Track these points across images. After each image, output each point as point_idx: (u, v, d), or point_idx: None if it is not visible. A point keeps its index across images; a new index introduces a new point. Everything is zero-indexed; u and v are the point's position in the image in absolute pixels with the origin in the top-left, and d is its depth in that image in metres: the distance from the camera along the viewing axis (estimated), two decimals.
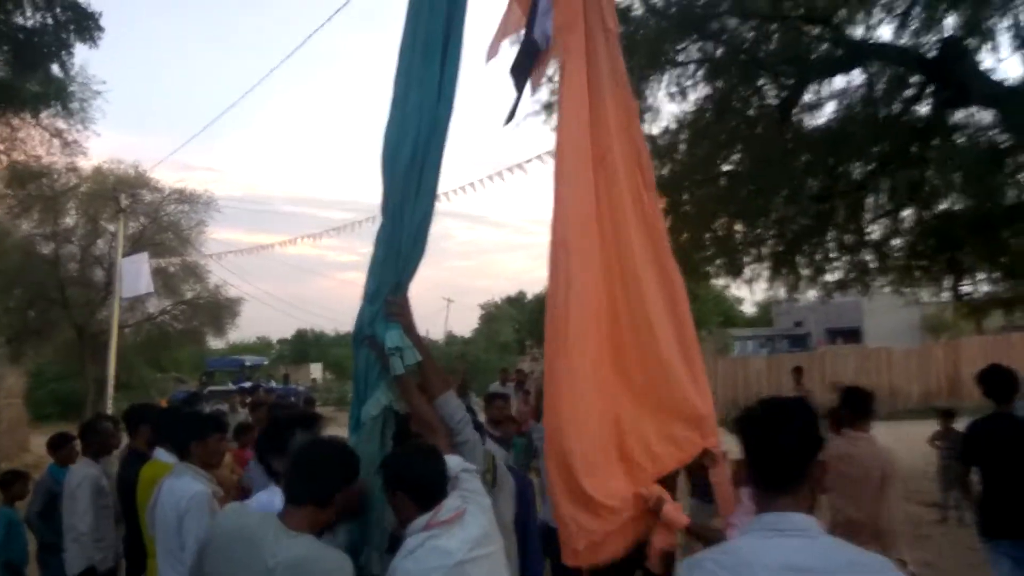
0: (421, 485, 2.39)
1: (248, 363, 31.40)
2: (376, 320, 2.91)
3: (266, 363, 39.36)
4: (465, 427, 2.84)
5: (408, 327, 2.92)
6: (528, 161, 13.20)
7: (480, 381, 20.67)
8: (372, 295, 2.94)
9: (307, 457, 2.45)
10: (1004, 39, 8.24)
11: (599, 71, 3.24)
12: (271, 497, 2.86)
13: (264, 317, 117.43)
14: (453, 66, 3.02)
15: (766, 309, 35.48)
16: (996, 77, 8.85)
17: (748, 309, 36.11)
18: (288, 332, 58.24)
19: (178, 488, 3.39)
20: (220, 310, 27.51)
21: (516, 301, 44.94)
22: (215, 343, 35.12)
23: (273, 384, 26.06)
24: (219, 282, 27.15)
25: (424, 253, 3.02)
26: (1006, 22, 8.07)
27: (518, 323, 39.52)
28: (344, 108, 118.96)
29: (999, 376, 4.43)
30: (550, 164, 3.55)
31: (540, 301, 40.43)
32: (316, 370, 44.29)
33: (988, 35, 8.23)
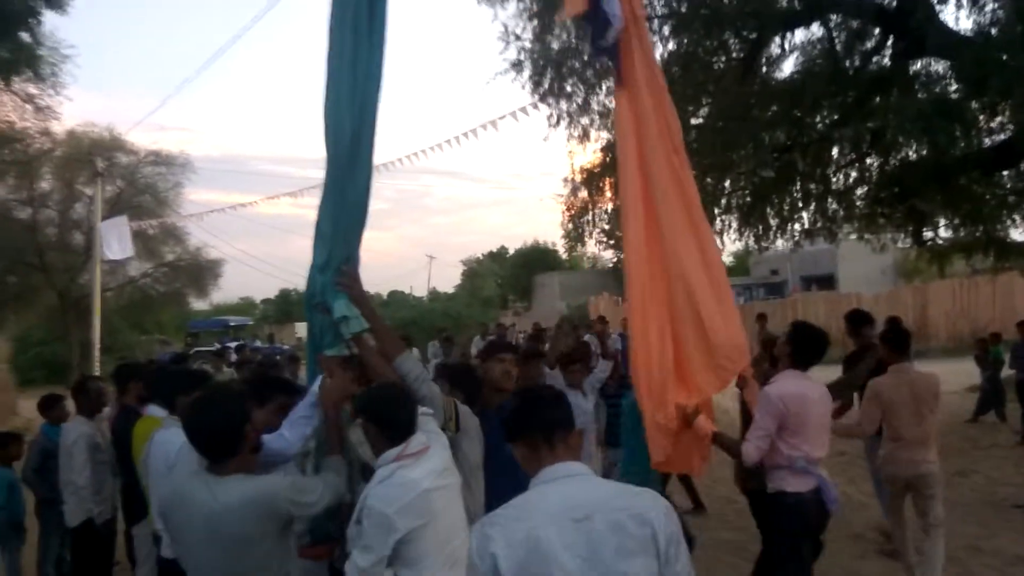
0: (392, 420, 2.66)
1: (232, 323, 31.55)
2: (327, 289, 3.16)
3: (251, 323, 39.49)
4: (423, 384, 3.11)
5: (358, 298, 3.19)
6: (502, 118, 13.31)
7: (463, 336, 20.97)
8: (322, 265, 3.18)
9: (195, 422, 2.55)
10: None
11: (633, 59, 3.93)
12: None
13: (246, 278, 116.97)
14: (379, 43, 3.19)
15: (743, 259, 35.94)
16: (953, 28, 9.07)
17: (726, 259, 36.55)
18: (271, 292, 58.31)
19: (168, 440, 3.60)
20: (202, 272, 27.56)
21: (498, 256, 45.09)
22: (198, 305, 35.23)
23: (258, 344, 26.29)
24: (199, 244, 27.18)
25: (366, 223, 3.26)
26: None
27: (500, 278, 39.74)
28: (320, 63, 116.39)
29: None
30: (523, 120, 4.62)
31: (521, 256, 40.56)
32: (301, 329, 44.23)
33: None
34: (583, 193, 12.75)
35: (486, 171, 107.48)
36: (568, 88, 10.49)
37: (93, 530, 5.08)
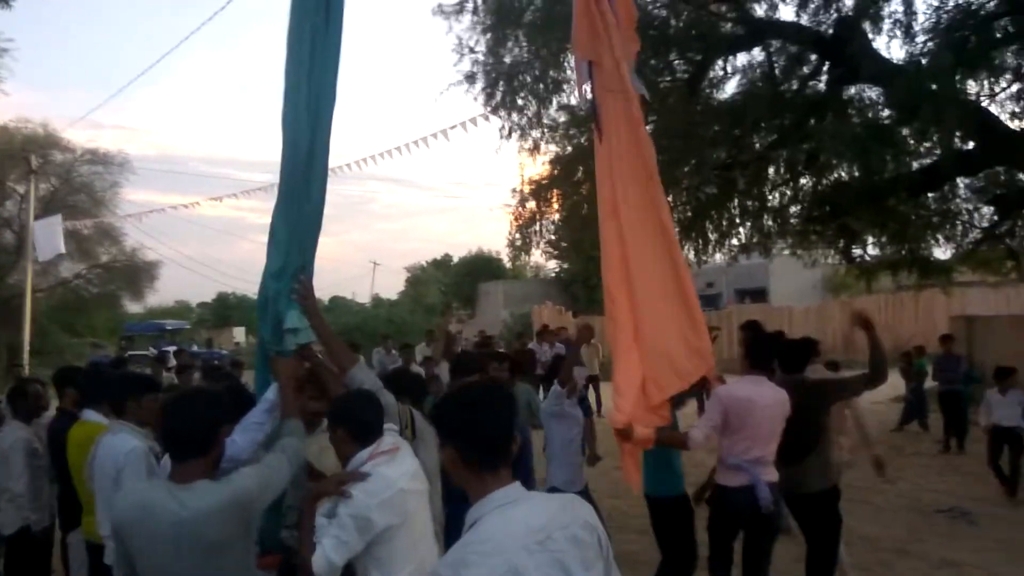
0: (362, 420, 2.68)
1: (169, 327, 30.72)
2: (280, 297, 3.18)
3: (187, 327, 38.49)
4: (378, 394, 3.09)
5: (311, 310, 3.21)
6: (453, 128, 13.44)
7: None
8: (277, 272, 3.19)
9: (175, 419, 2.51)
10: (892, 20, 8.92)
11: (607, 80, 4.21)
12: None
13: (183, 281, 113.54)
14: (335, 53, 3.28)
15: None
16: (886, 56, 9.57)
17: None
18: (208, 296, 56.79)
19: (116, 444, 3.58)
20: (137, 273, 26.81)
21: (442, 264, 45.05)
22: (133, 307, 34.14)
23: (196, 348, 25.67)
24: (136, 245, 26.44)
25: (320, 232, 3.33)
26: (896, 3, 8.73)
27: (444, 285, 39.69)
28: (264, 69, 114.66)
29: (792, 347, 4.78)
30: (472, 130, 4.69)
31: (466, 264, 40.64)
32: (239, 334, 43.43)
33: (877, 17, 8.89)
34: (531, 204, 12.93)
35: (432, 179, 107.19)
36: (520, 101, 10.66)
37: (29, 538, 4.94)
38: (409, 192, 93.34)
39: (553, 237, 15.80)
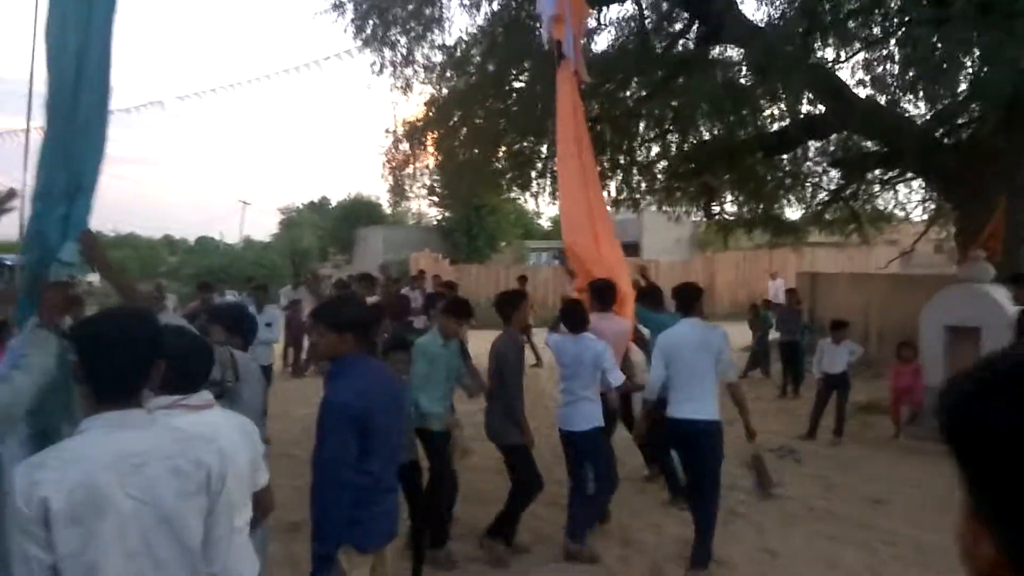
0: (182, 365, 2.43)
1: (9, 263, 28.21)
2: (47, 221, 2.90)
3: None
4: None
5: (101, 266, 3.02)
6: (326, 59, 12.93)
7: (276, 286, 20.27)
8: (42, 193, 2.90)
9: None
10: None
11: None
12: None
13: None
14: None
15: (558, 223, 37.17)
16: (750, 17, 9.88)
17: (545, 224, 37.72)
18: None
19: None
20: None
21: (319, 207, 43.56)
22: None
23: None
24: None
25: (101, 157, 3.02)
26: None
27: (321, 229, 38.48)
28: None
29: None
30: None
31: (344, 208, 39.47)
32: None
33: None
34: (405, 146, 12.65)
35: (309, 118, 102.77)
36: (392, 36, 10.32)
37: None
38: (282, 129, 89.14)
39: (428, 183, 15.61)
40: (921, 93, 7.78)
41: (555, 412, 5.28)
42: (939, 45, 6.38)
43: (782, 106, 10.27)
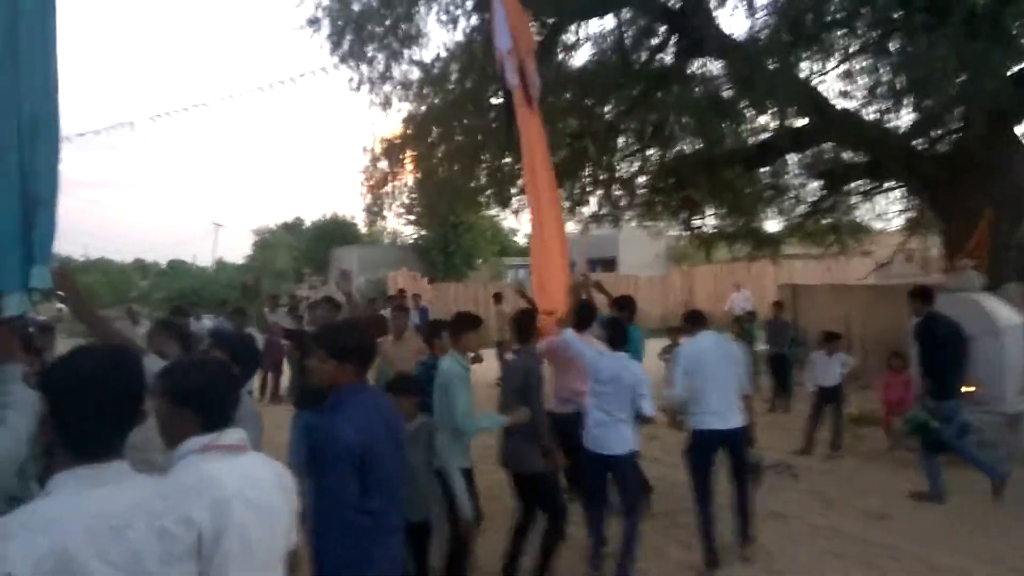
0: (208, 399, 2.22)
1: None
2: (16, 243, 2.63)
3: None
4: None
5: (77, 306, 3.03)
6: (302, 76, 12.66)
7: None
8: None
9: None
10: None
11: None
12: None
13: None
14: None
15: None
16: (730, 30, 9.91)
17: (521, 240, 37.65)
18: None
19: None
20: None
21: (294, 227, 43.20)
22: None
23: None
24: None
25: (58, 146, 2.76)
26: None
27: (296, 250, 38.09)
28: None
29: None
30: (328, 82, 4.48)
31: (318, 228, 39.15)
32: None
33: None
34: (383, 164, 12.47)
35: (283, 137, 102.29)
36: (369, 52, 10.15)
37: None
38: (257, 150, 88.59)
39: (407, 201, 15.41)
40: (907, 101, 7.76)
41: (584, 433, 4.83)
42: (930, 52, 6.35)
43: (766, 118, 10.26)
